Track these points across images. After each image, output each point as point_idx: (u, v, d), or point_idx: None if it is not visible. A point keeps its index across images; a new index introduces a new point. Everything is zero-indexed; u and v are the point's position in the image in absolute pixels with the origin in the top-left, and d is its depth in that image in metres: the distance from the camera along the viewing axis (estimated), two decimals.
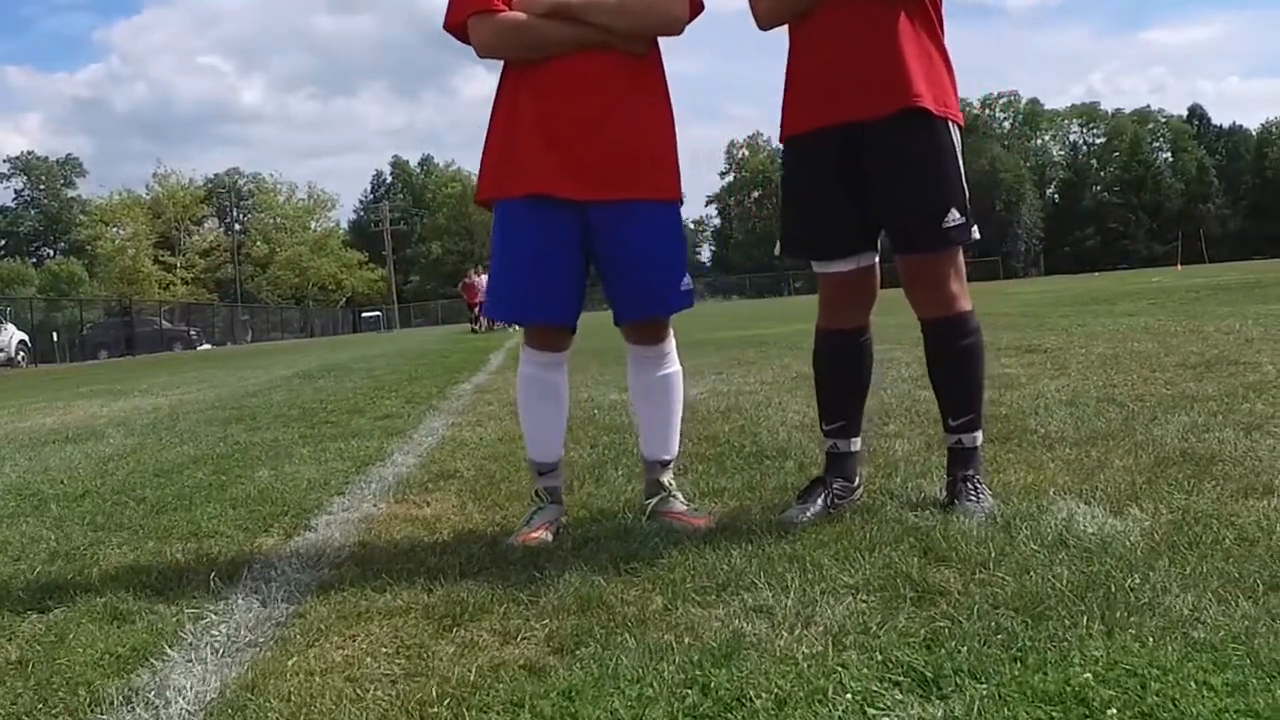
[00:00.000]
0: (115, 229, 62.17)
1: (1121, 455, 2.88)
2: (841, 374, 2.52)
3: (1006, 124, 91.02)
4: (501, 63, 2.45)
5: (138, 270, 59.64)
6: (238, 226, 75.09)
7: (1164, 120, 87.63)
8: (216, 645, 1.85)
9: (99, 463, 4.61)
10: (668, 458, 2.58)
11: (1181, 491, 2.37)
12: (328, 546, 2.58)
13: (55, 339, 42.44)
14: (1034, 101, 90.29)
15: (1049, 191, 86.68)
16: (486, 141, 2.45)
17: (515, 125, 2.39)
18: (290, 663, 1.70)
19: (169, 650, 1.82)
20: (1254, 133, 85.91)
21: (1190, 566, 1.78)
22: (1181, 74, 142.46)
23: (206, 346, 43.04)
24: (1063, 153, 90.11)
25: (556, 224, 2.37)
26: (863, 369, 2.53)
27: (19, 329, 32.70)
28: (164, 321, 44.49)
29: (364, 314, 65.83)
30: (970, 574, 1.84)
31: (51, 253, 78.60)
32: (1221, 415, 3.48)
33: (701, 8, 2.47)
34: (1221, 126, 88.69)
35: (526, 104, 2.37)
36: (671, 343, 2.56)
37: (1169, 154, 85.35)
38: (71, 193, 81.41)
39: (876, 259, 2.48)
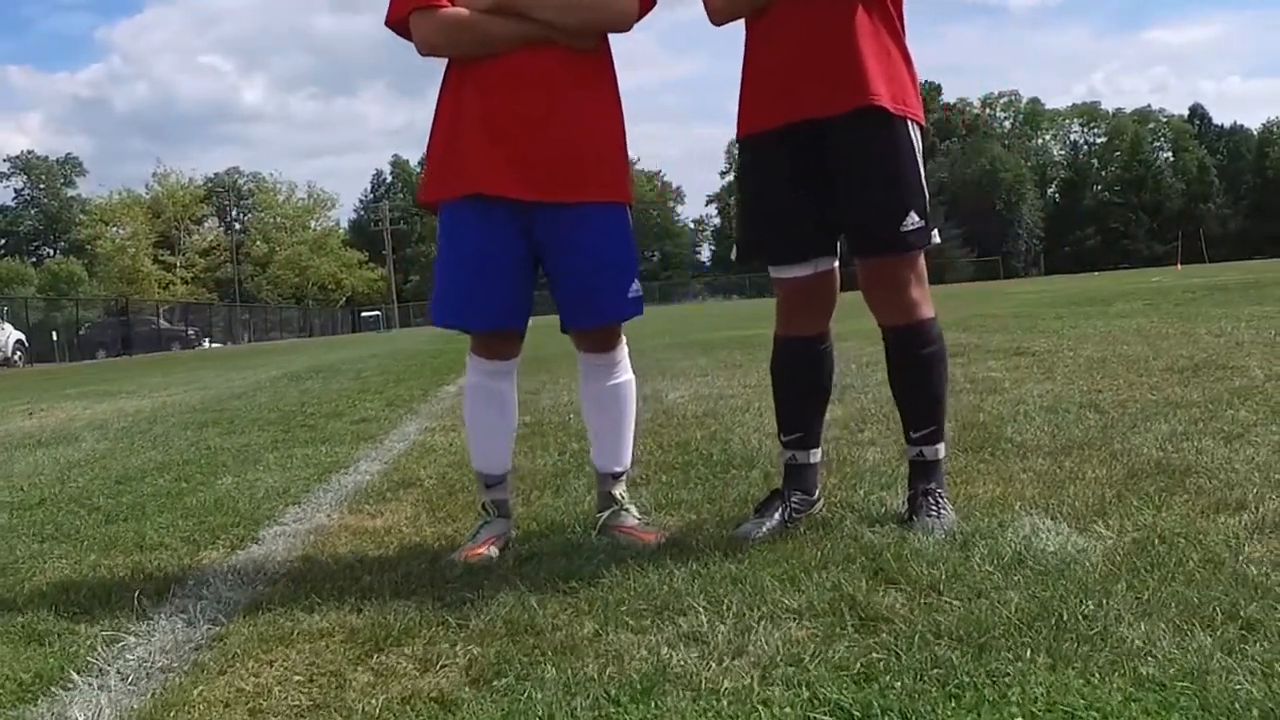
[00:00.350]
0: (115, 228, 62.05)
1: (1095, 466, 2.79)
2: (800, 383, 2.43)
3: (1007, 123, 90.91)
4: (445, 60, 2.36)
5: (137, 270, 59.53)
6: (237, 226, 75.00)
7: (1165, 120, 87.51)
8: (126, 671, 1.76)
9: (64, 468, 4.52)
10: (619, 469, 2.49)
11: (1151, 506, 2.27)
12: (269, 561, 2.49)
13: (54, 338, 42.43)
14: (1035, 101, 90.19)
15: (1049, 191, 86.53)
16: (429, 142, 2.36)
17: (458, 124, 2.29)
18: (196, 692, 1.61)
19: (75, 676, 1.73)
20: (1255, 132, 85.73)
21: (1149, 592, 1.68)
22: (1183, 74, 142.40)
23: (213, 345, 43.15)
24: (1063, 152, 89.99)
25: (502, 225, 2.28)
26: (822, 377, 2.44)
27: (16, 328, 32.65)
28: (162, 321, 44.45)
29: (364, 314, 65.70)
30: (918, 598, 1.75)
31: (51, 252, 78.54)
32: (1203, 423, 3.39)
33: (653, 3, 2.37)
34: (1223, 126, 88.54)
35: (470, 102, 2.28)
36: (623, 350, 2.47)
37: (1170, 153, 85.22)
38: (71, 192, 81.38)
39: (836, 263, 2.39)
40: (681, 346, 10.72)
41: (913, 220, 2.20)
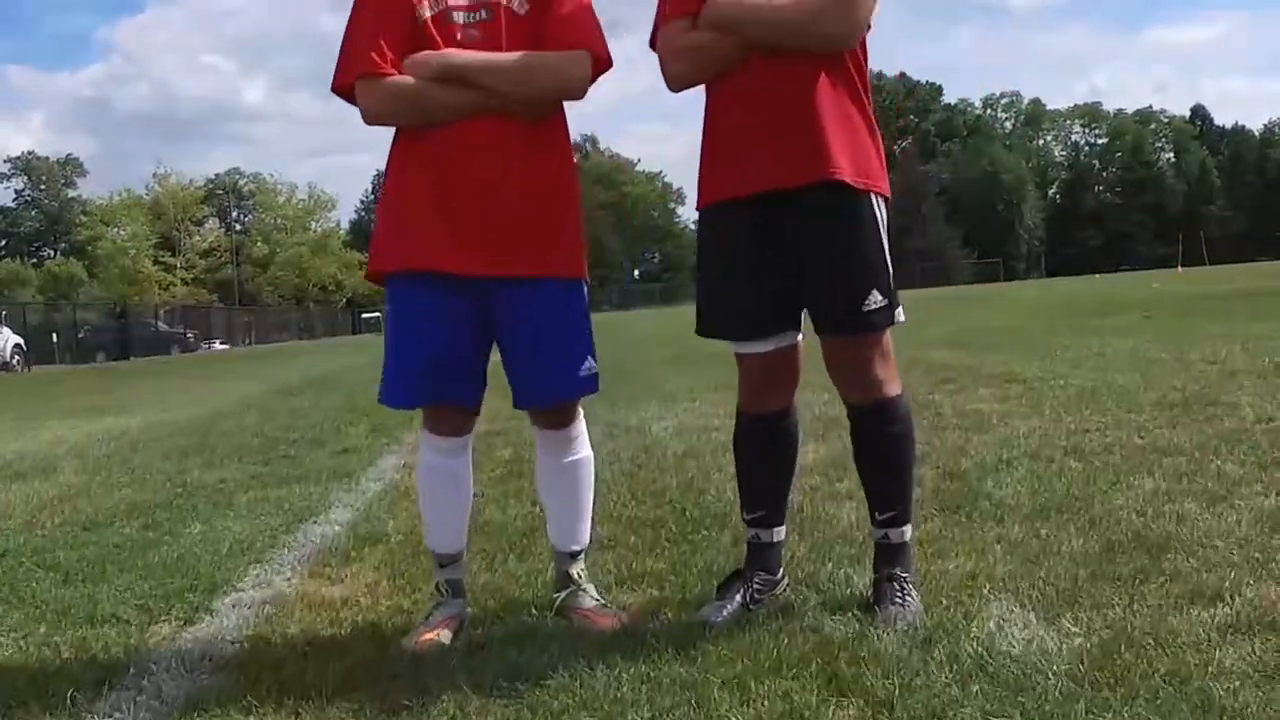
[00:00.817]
0: (115, 230, 62.02)
1: (1072, 535, 2.72)
2: (764, 461, 2.36)
3: (1008, 124, 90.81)
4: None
5: (138, 271, 59.49)
6: (238, 227, 74.96)
7: (1166, 121, 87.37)
8: None
9: (35, 509, 4.45)
10: (577, 548, 2.41)
11: (1124, 594, 2.20)
12: (217, 642, 2.42)
13: (55, 339, 42.45)
14: (1036, 102, 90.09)
15: (1050, 192, 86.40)
16: (377, 212, 2.29)
17: (406, 196, 2.22)
18: None
19: None
20: (1257, 134, 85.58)
21: (1111, 713, 1.61)
22: (1184, 73, 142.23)
23: (222, 346, 43.36)
24: (1064, 153, 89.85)
25: (452, 300, 2.20)
26: (786, 455, 2.37)
27: (15, 333, 32.61)
28: (161, 324, 44.44)
29: (364, 315, 65.65)
30: (870, 714, 1.67)
31: (52, 253, 78.57)
32: (1188, 478, 3.32)
33: (609, 64, 2.30)
34: (1224, 127, 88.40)
35: (417, 173, 2.21)
36: (580, 425, 2.39)
37: (1171, 154, 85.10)
38: (72, 193, 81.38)
39: (799, 337, 2.31)
40: (675, 361, 10.63)
41: (875, 299, 2.13)
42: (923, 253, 68.98)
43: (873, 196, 2.17)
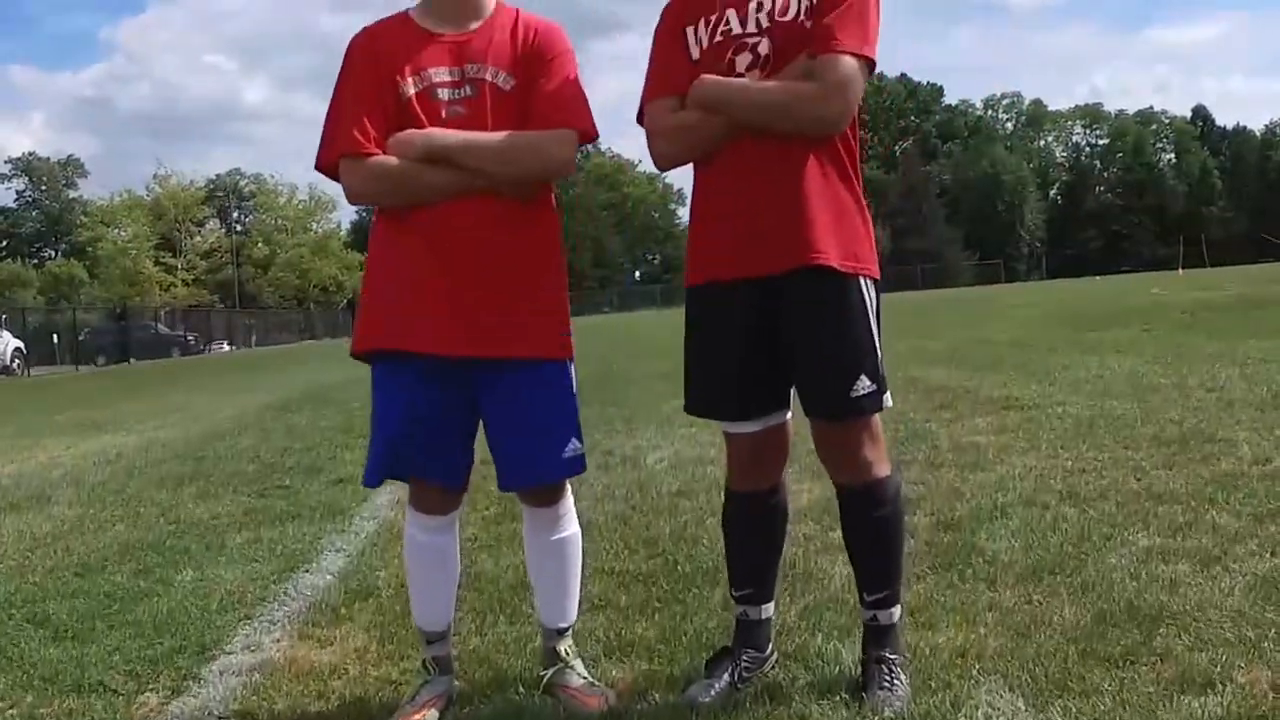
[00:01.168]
0: (116, 230, 62.03)
1: (1065, 602, 2.70)
2: (753, 539, 2.34)
3: (1009, 125, 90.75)
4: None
5: (139, 272, 59.51)
6: (239, 228, 74.94)
7: (1167, 122, 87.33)
8: None
9: (26, 550, 4.44)
10: (565, 625, 2.40)
11: (1114, 678, 2.18)
12: (205, 714, 2.42)
13: (55, 340, 42.45)
14: (1037, 103, 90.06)
15: (1051, 193, 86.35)
16: (361, 290, 2.28)
17: (390, 275, 2.20)
18: None
19: None
20: (1258, 134, 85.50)
21: None
22: (1186, 72, 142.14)
23: (227, 348, 43.50)
24: (1065, 154, 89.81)
25: (434, 381, 2.18)
26: (775, 532, 2.35)
27: (15, 336, 32.60)
28: (162, 326, 44.45)
29: None
30: None
31: (53, 254, 78.58)
32: (1183, 532, 3.30)
33: (595, 139, 2.29)
34: (1225, 128, 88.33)
35: (400, 252, 2.19)
36: (568, 502, 2.37)
37: (1173, 155, 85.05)
38: (73, 194, 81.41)
39: (788, 416, 2.30)
40: (673, 376, 10.59)
41: (863, 385, 2.11)
42: (923, 254, 68.98)
43: (861, 279, 2.15)
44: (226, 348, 44.21)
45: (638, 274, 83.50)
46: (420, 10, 2.29)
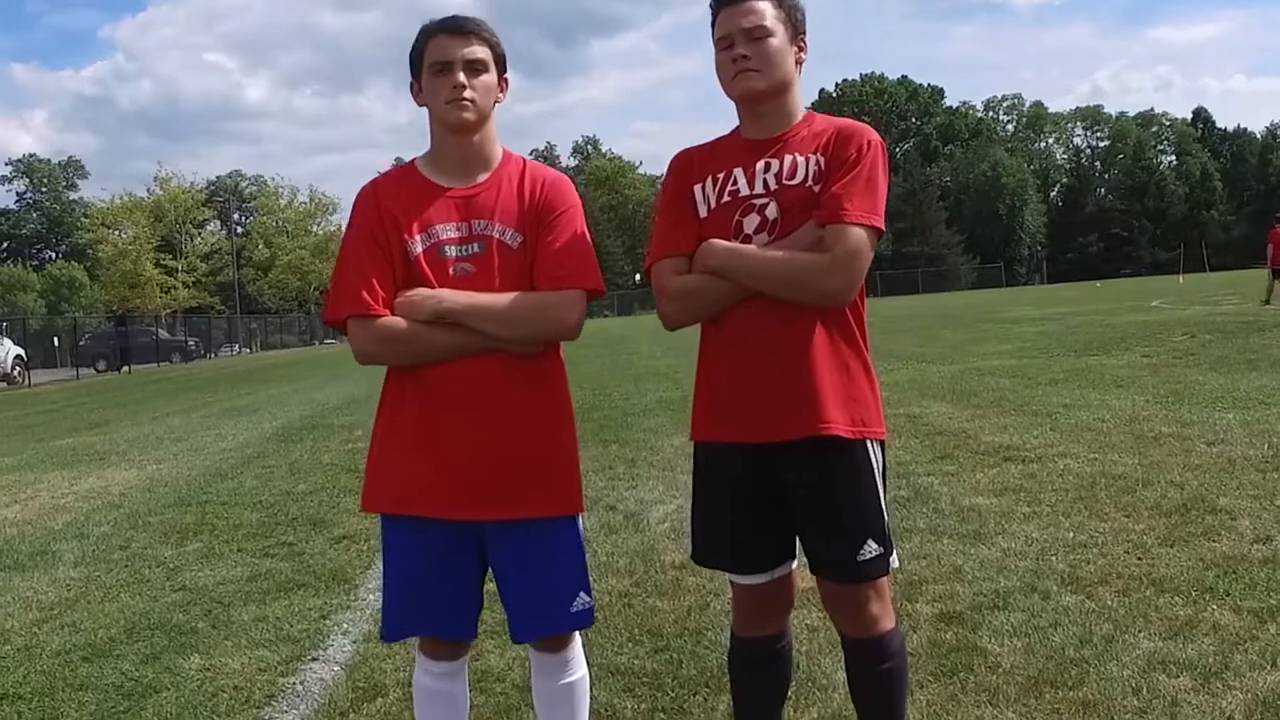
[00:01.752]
0: (117, 232, 61.99)
1: (1067, 716, 2.73)
2: (759, 685, 2.37)
3: (1010, 126, 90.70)
4: None
5: (139, 274, 59.49)
6: (239, 230, 74.94)
7: (1168, 124, 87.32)
8: None
9: (33, 625, 4.47)
10: None
11: None
12: None
13: (56, 343, 42.48)
14: (1038, 104, 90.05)
15: (1052, 195, 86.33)
16: (371, 446, 2.30)
17: (397, 437, 2.22)
18: None
19: None
20: (1259, 136, 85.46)
21: None
22: (1187, 72, 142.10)
23: (235, 353, 43.66)
24: (1066, 156, 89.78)
25: (442, 542, 2.21)
26: (781, 678, 2.38)
27: (16, 344, 32.65)
28: (162, 332, 44.49)
29: None
30: None
31: (54, 256, 78.62)
32: (1184, 635, 3.33)
33: (603, 293, 2.31)
34: (1226, 130, 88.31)
35: (408, 414, 2.21)
36: (575, 647, 2.39)
37: (1173, 157, 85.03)
38: (74, 195, 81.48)
39: (794, 565, 2.32)
40: (678, 406, 10.58)
41: (870, 549, 2.13)
42: (924, 258, 68.98)
43: (868, 443, 2.17)
44: (236, 350, 44.44)
45: (638, 276, 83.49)
46: (427, 162, 2.31)
